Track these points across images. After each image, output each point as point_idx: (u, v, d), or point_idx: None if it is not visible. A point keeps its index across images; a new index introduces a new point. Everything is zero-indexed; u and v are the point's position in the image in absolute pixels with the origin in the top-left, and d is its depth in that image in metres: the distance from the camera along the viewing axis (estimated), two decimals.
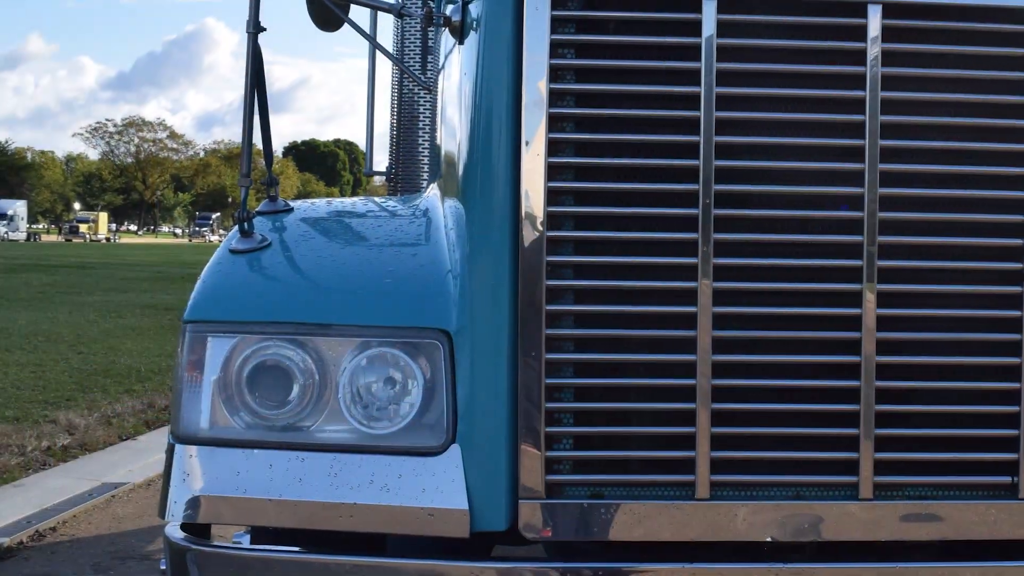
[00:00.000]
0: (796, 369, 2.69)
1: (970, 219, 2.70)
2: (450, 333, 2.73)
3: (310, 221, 3.22)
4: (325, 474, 2.70)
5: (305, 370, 2.74)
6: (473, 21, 2.90)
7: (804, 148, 2.69)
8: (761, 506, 2.71)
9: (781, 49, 2.68)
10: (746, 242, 2.67)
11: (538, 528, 2.70)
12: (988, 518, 2.73)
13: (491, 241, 2.74)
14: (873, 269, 2.66)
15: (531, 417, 2.67)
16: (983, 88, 2.70)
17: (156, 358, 14.48)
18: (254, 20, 3.04)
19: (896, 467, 2.73)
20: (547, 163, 2.65)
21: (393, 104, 5.93)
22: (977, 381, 2.73)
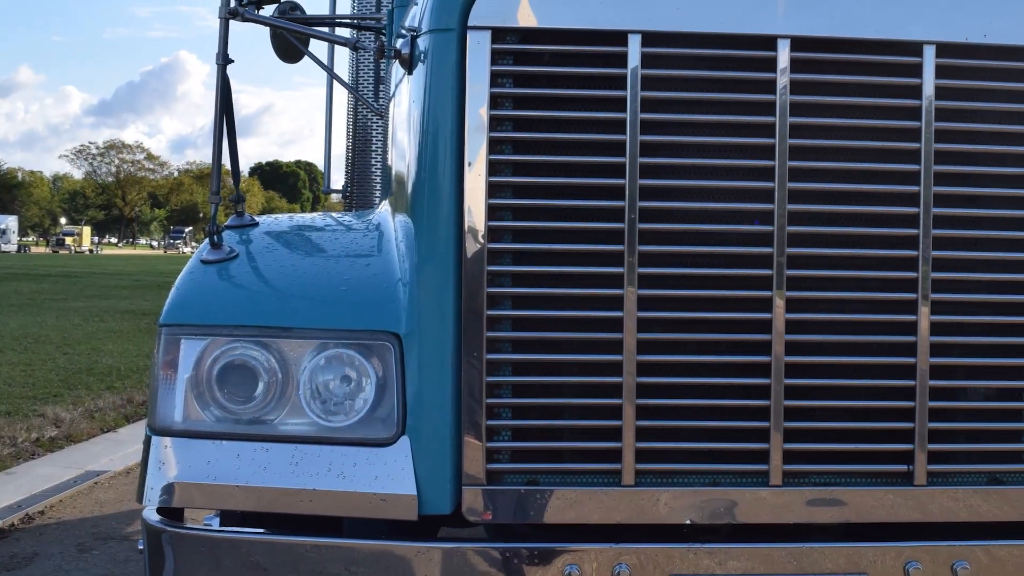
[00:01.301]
0: (713, 368, 2.88)
1: (869, 232, 2.89)
2: (400, 336, 2.90)
3: (274, 234, 3.37)
4: (287, 463, 2.87)
5: (269, 369, 2.91)
6: (421, 54, 3.05)
7: (720, 168, 2.87)
8: (681, 492, 2.89)
9: (700, 79, 2.86)
10: (668, 253, 2.86)
11: (480, 512, 2.88)
12: (886, 503, 2.93)
13: (437, 252, 2.90)
14: (782, 277, 2.85)
15: (473, 411, 2.86)
16: (878, 114, 2.90)
17: (135, 358, 15.02)
18: (223, 52, 3.22)
19: (803, 457, 2.91)
20: (488, 182, 2.84)
21: (349, 128, 6.12)
22: (876, 379, 2.91)
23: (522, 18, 2.85)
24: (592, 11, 2.85)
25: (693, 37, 2.86)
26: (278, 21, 3.78)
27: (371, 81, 5.70)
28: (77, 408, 10.83)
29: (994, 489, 2.96)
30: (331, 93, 6.15)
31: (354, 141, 6.05)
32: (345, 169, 6.32)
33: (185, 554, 2.89)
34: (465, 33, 2.86)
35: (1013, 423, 2.98)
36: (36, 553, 6.45)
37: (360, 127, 6.02)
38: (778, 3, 2.86)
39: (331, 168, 6.35)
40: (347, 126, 6.18)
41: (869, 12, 2.88)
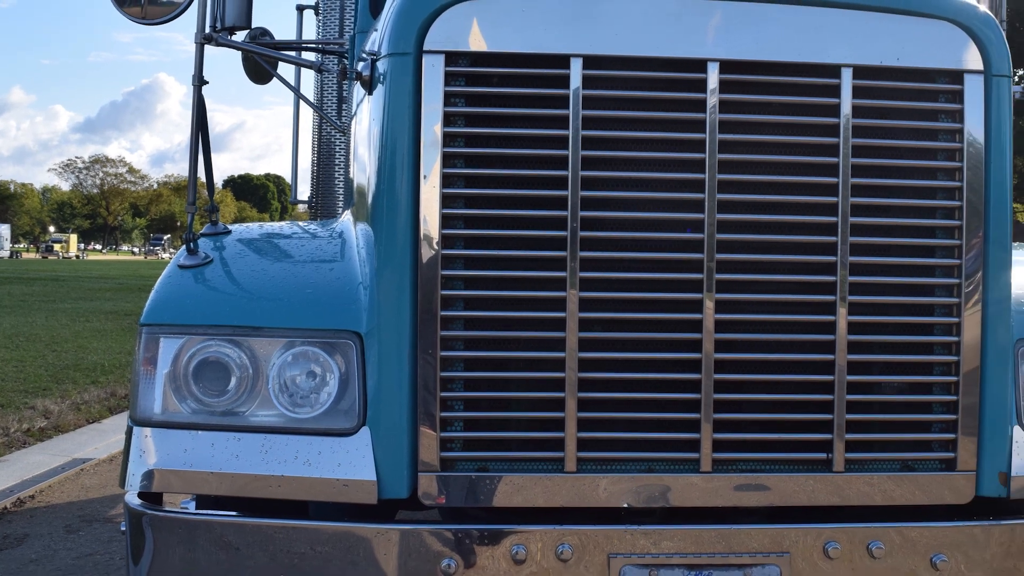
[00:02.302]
0: (648, 364, 3.10)
1: (792, 240, 3.11)
2: (361, 334, 3.10)
3: (245, 241, 3.56)
4: (257, 451, 3.06)
5: (241, 365, 3.11)
6: (380, 76, 3.23)
7: (655, 181, 3.08)
8: (619, 478, 3.10)
9: (637, 98, 3.08)
10: (607, 259, 3.07)
11: (434, 496, 3.08)
12: (807, 488, 3.14)
13: (395, 258, 3.10)
14: (712, 281, 3.07)
15: (428, 404, 3.06)
16: (800, 131, 3.12)
17: (117, 355, 15.66)
18: (198, 75, 3.43)
19: (731, 446, 3.13)
20: (441, 193, 3.04)
21: (314, 144, 6.36)
22: (799, 374, 3.13)
23: (473, 43, 3.07)
24: (537, 36, 3.07)
25: (630, 60, 3.08)
26: (249, 46, 3.96)
27: (334, 101, 5.93)
28: (65, 401, 11.31)
29: (906, 475, 3.19)
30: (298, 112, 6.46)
31: (319, 156, 6.28)
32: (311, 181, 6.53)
33: (164, 535, 3.07)
34: (421, 57, 3.06)
35: (923, 415, 3.21)
36: (27, 534, 6.78)
37: (324, 143, 6.24)
38: (708, 29, 3.09)
39: (298, 180, 6.65)
40: (312, 142, 6.42)
41: (791, 37, 3.11)
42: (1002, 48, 3.21)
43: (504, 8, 3.09)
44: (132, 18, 3.50)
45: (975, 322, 3.19)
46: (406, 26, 3.10)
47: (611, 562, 3.05)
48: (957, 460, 3.20)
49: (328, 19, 5.68)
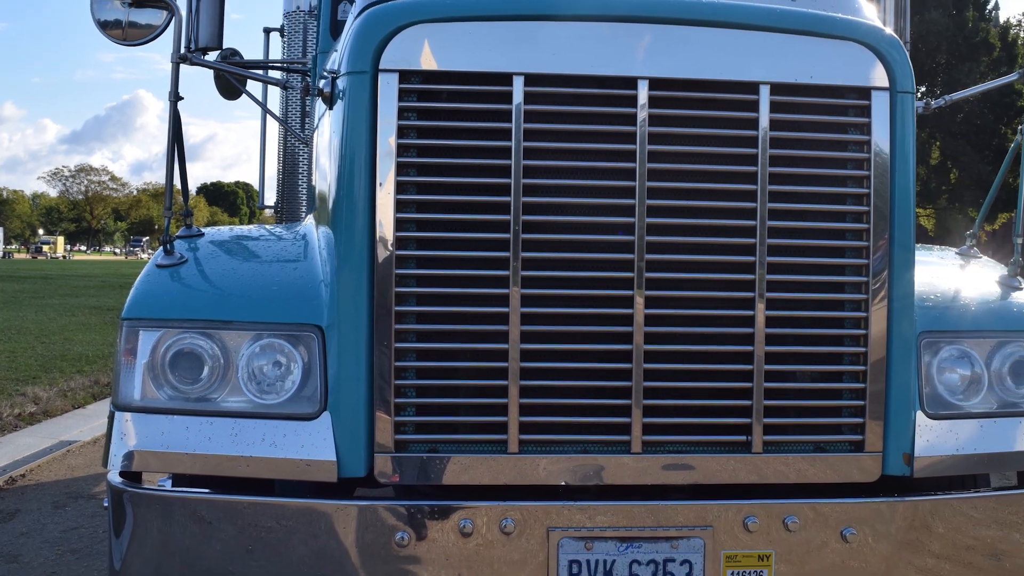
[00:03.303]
0: (584, 355, 3.34)
1: (714, 241, 3.37)
2: (322, 327, 3.33)
3: (217, 243, 3.79)
4: (228, 434, 3.28)
5: (213, 355, 3.33)
6: (340, 92, 3.46)
7: (591, 188, 3.32)
8: (557, 458, 3.33)
9: (574, 113, 3.32)
10: (546, 259, 3.31)
11: (389, 475, 3.30)
12: (729, 467, 3.39)
13: (353, 258, 3.31)
14: (642, 279, 3.31)
15: (383, 391, 3.28)
16: (722, 142, 3.37)
17: (101, 346, 16.47)
18: (174, 91, 3.66)
19: (659, 429, 3.36)
20: (396, 199, 3.27)
21: (280, 154, 6.64)
22: (721, 364, 3.38)
23: (425, 62, 3.31)
24: (483, 56, 3.32)
25: (568, 78, 3.33)
26: (221, 65, 4.19)
27: (298, 115, 6.21)
28: (53, 388, 11.95)
29: (819, 456, 3.45)
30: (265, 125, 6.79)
31: (284, 165, 6.55)
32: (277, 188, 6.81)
33: (143, 510, 3.29)
34: (377, 75, 3.30)
35: (834, 401, 3.47)
36: (18, 509, 7.21)
37: (289, 153, 6.51)
38: (638, 49, 3.34)
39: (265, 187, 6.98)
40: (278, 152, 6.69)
41: (714, 57, 3.37)
42: (906, 67, 3.48)
43: (453, 31, 3.33)
44: (114, 39, 3.74)
45: (881, 316, 3.44)
46: (363, 47, 3.34)
47: (550, 535, 3.28)
48: (865, 442, 3.45)
49: (292, 40, 5.98)
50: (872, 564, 3.42)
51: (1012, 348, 3.66)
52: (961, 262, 4.25)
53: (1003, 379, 3.65)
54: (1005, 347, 3.67)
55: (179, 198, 3.89)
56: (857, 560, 3.41)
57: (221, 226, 4.27)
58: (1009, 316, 3.78)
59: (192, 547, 3.26)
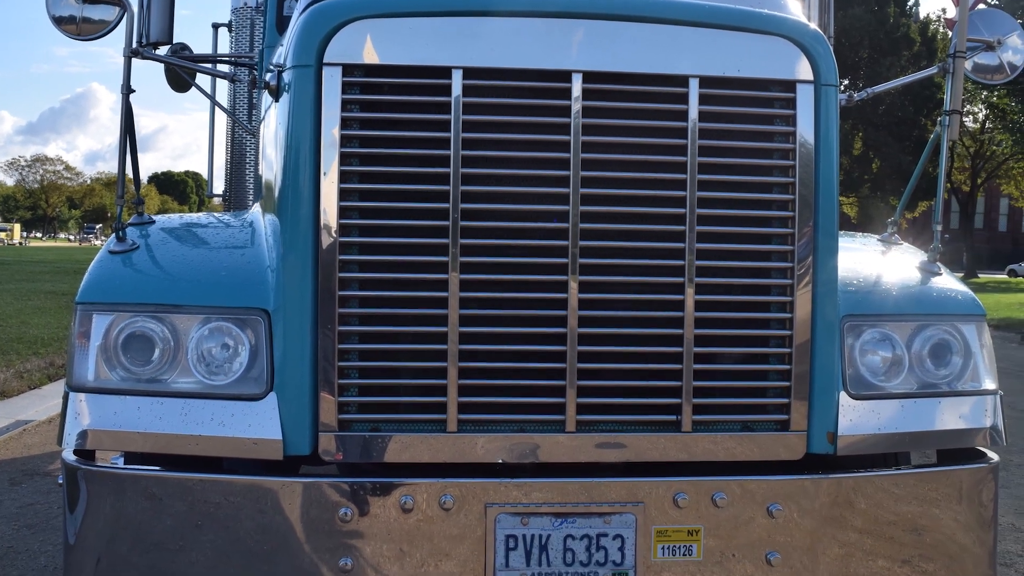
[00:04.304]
0: (521, 337, 3.45)
1: (646, 229, 3.47)
2: (269, 311, 3.42)
3: (168, 230, 3.88)
4: (178, 414, 3.37)
5: (164, 338, 3.43)
6: (286, 85, 3.55)
7: (527, 177, 3.44)
8: (494, 437, 3.44)
9: (511, 105, 3.42)
10: (484, 245, 3.41)
11: (333, 453, 3.39)
12: (659, 446, 3.51)
13: (298, 244, 3.41)
14: (575, 265, 3.41)
15: (327, 372, 3.38)
16: (654, 133, 3.48)
17: (56, 329, 16.89)
18: (126, 84, 3.76)
19: (593, 409, 3.46)
20: (339, 188, 3.37)
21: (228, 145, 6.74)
22: (652, 346, 3.49)
23: (367, 56, 3.42)
24: (424, 51, 3.43)
25: (505, 72, 3.43)
26: (171, 59, 4.29)
27: (246, 107, 6.26)
28: (9, 369, 12.30)
29: (746, 435, 3.57)
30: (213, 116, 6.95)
31: (232, 155, 6.66)
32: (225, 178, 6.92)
33: (96, 487, 3.38)
34: (321, 68, 3.40)
35: (760, 382, 3.59)
36: None
37: (237, 144, 6.61)
38: (572, 44, 3.45)
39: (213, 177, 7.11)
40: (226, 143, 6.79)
41: (646, 51, 3.48)
42: (830, 61, 3.60)
43: (394, 26, 3.44)
44: (68, 34, 3.84)
45: (806, 300, 3.56)
46: (308, 42, 3.44)
47: (488, 511, 3.38)
48: (790, 421, 3.56)
49: (240, 36, 6.07)
50: (797, 539, 3.53)
51: (932, 331, 3.78)
52: (883, 248, 4.35)
53: (923, 361, 3.77)
54: (925, 330, 3.78)
55: (131, 187, 3.93)
56: (783, 535, 3.52)
57: (171, 214, 4.34)
58: (929, 300, 3.89)
59: (143, 522, 3.35)
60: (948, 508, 3.65)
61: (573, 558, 3.44)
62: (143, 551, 3.36)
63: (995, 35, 4.21)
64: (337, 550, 3.37)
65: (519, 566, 3.42)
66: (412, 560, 3.41)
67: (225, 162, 6.84)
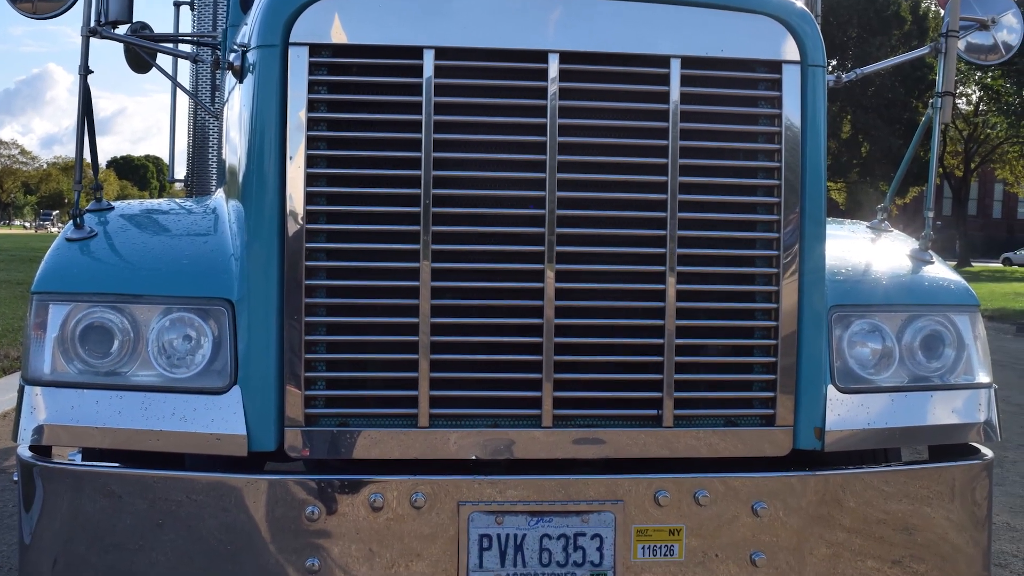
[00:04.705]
0: (495, 328, 3.34)
1: (626, 215, 3.37)
2: (232, 301, 3.33)
3: (127, 217, 3.78)
4: (138, 408, 3.28)
5: (123, 329, 3.33)
6: (250, 66, 3.46)
7: (502, 161, 3.33)
8: (467, 432, 3.34)
9: (485, 86, 3.32)
10: (457, 233, 3.31)
11: (299, 449, 3.31)
12: (639, 441, 3.40)
13: (263, 232, 3.32)
14: (552, 253, 3.31)
15: (294, 365, 3.28)
16: (633, 116, 3.38)
17: (10, 320, 16.63)
18: (84, 64, 3.65)
19: (570, 403, 3.37)
20: (306, 173, 3.27)
21: (190, 128, 6.65)
22: (632, 338, 3.39)
23: (335, 36, 3.31)
24: (394, 30, 3.32)
25: (478, 52, 3.32)
26: (130, 38, 4.19)
27: (208, 88, 6.20)
28: None
29: (729, 430, 3.46)
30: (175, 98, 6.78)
31: (194, 138, 6.57)
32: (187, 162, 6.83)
33: (53, 484, 3.29)
34: (287, 48, 3.29)
35: (745, 375, 3.48)
36: None
37: (199, 127, 6.52)
38: (549, 22, 3.34)
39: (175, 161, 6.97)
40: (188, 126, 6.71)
41: (625, 30, 3.37)
42: (817, 40, 3.49)
43: (363, 5, 3.34)
44: (24, 12, 3.74)
45: (792, 290, 3.46)
46: (273, 20, 3.33)
47: (460, 509, 3.29)
48: (776, 416, 3.46)
49: (202, 14, 5.97)
50: (783, 538, 3.43)
51: (923, 322, 3.68)
52: (872, 236, 4.25)
53: (914, 353, 3.67)
54: (916, 321, 3.69)
55: (89, 172, 3.85)
56: (768, 534, 3.42)
57: (131, 200, 4.26)
58: (920, 290, 3.80)
59: (102, 521, 3.26)
60: (940, 506, 3.55)
61: (550, 558, 3.35)
62: (102, 551, 3.27)
63: (989, 14, 4.10)
64: (304, 550, 3.28)
65: (493, 567, 3.33)
66: (382, 560, 3.32)
67: (187, 146, 6.76)
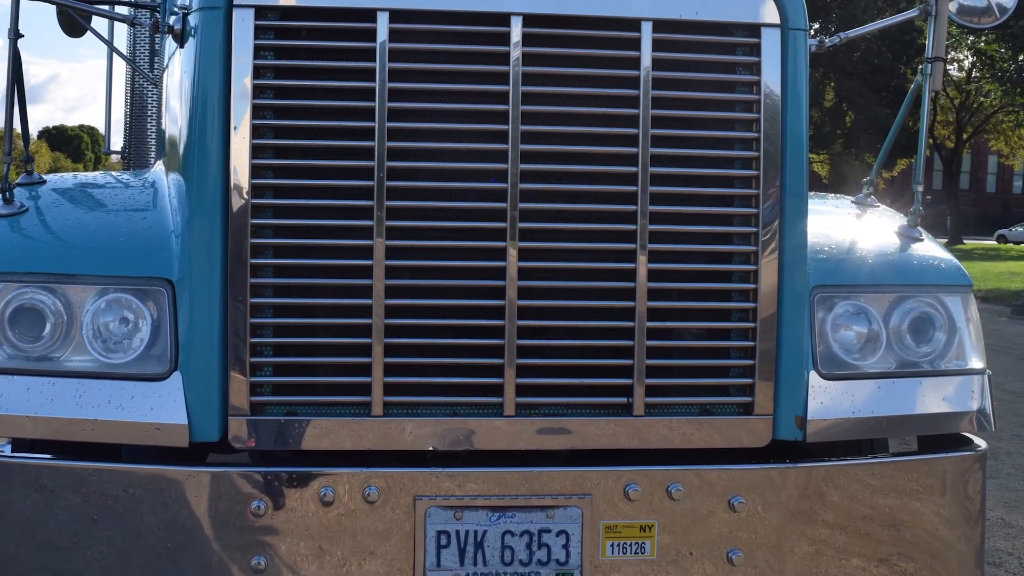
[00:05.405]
0: (453, 310, 3.18)
1: (594, 189, 3.20)
2: (173, 281, 3.17)
3: (60, 191, 3.62)
4: (72, 396, 3.13)
5: (56, 311, 3.17)
6: (192, 29, 3.29)
7: (461, 132, 3.16)
8: (424, 422, 3.19)
9: (443, 51, 3.15)
10: (413, 208, 3.15)
11: (244, 439, 3.16)
12: (608, 431, 3.24)
13: (206, 207, 3.16)
14: (515, 229, 3.15)
15: (238, 349, 3.13)
16: (601, 83, 3.20)
17: None
18: (14, 28, 3.47)
19: (534, 390, 3.21)
20: (251, 144, 3.10)
21: (127, 96, 6.47)
22: (600, 320, 3.22)
23: None
24: None
25: (436, 14, 3.15)
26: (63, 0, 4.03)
27: (147, 54, 6.05)
28: None
29: (705, 419, 3.29)
30: (111, 64, 6.61)
31: (132, 107, 6.42)
32: (124, 132, 6.69)
33: None
34: (231, 11, 3.12)
35: (721, 360, 3.31)
36: None
37: (137, 95, 6.37)
38: None
39: (111, 132, 6.80)
40: (126, 94, 6.55)
41: None
42: (798, 2, 3.31)
43: None
44: None
45: (772, 270, 3.29)
46: None
47: (417, 504, 3.13)
48: (754, 404, 3.30)
49: None
50: (762, 535, 3.27)
51: (912, 303, 3.51)
52: (857, 211, 4.08)
53: (902, 337, 3.50)
54: (904, 302, 3.51)
55: (19, 143, 3.71)
56: (746, 531, 3.26)
57: (64, 173, 4.10)
58: (908, 269, 3.63)
59: (33, 517, 3.11)
60: (930, 501, 3.40)
61: (512, 557, 3.20)
62: (33, 549, 3.12)
63: None
64: (249, 548, 3.14)
65: (452, 566, 3.18)
66: (332, 559, 3.17)
67: (124, 115, 6.59)
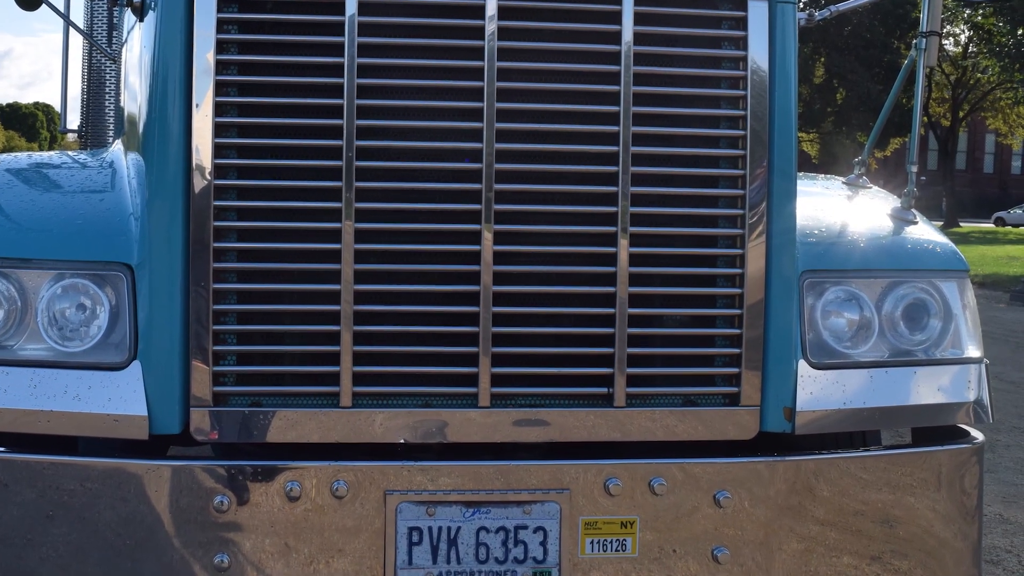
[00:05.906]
0: (426, 297, 3.07)
1: (572, 170, 3.09)
2: (132, 266, 3.05)
3: (13, 171, 3.49)
4: (26, 386, 3.02)
5: (9, 298, 3.06)
6: (152, 2, 3.18)
7: (434, 110, 3.05)
8: (395, 413, 3.08)
9: (415, 26, 3.03)
10: (384, 189, 3.04)
11: (207, 431, 3.05)
12: (588, 423, 3.13)
13: (167, 188, 3.05)
14: (490, 212, 3.03)
15: (201, 337, 3.02)
16: (581, 58, 3.08)
17: None
18: None
19: (510, 380, 3.10)
20: (214, 122, 2.99)
21: (84, 72, 6.34)
22: (579, 307, 3.11)
23: None
24: None
25: None
26: None
27: (105, 28, 5.94)
28: None
29: (689, 410, 3.18)
30: (67, 39, 6.39)
31: (89, 84, 6.32)
32: (81, 110, 6.58)
33: None
34: None
35: (706, 349, 3.19)
36: None
37: (95, 71, 6.26)
38: None
39: (67, 109, 6.68)
40: (83, 70, 6.44)
41: None
42: None
43: None
44: None
45: (759, 254, 3.17)
46: None
47: (387, 499, 3.03)
48: (741, 395, 3.19)
49: None
50: (749, 531, 3.16)
51: (905, 289, 3.40)
52: (848, 193, 3.98)
53: (895, 324, 3.39)
54: (898, 288, 3.40)
55: None
56: (732, 527, 3.15)
57: (18, 152, 4.04)
58: (902, 253, 3.51)
59: None
60: (925, 496, 3.30)
61: (487, 554, 3.09)
62: None
63: None
64: (212, 545, 3.03)
65: (424, 564, 3.07)
66: (299, 556, 3.06)
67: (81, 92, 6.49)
